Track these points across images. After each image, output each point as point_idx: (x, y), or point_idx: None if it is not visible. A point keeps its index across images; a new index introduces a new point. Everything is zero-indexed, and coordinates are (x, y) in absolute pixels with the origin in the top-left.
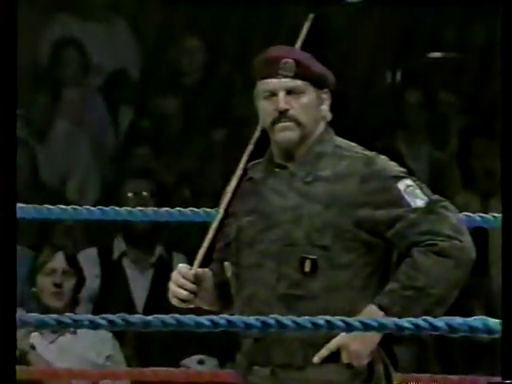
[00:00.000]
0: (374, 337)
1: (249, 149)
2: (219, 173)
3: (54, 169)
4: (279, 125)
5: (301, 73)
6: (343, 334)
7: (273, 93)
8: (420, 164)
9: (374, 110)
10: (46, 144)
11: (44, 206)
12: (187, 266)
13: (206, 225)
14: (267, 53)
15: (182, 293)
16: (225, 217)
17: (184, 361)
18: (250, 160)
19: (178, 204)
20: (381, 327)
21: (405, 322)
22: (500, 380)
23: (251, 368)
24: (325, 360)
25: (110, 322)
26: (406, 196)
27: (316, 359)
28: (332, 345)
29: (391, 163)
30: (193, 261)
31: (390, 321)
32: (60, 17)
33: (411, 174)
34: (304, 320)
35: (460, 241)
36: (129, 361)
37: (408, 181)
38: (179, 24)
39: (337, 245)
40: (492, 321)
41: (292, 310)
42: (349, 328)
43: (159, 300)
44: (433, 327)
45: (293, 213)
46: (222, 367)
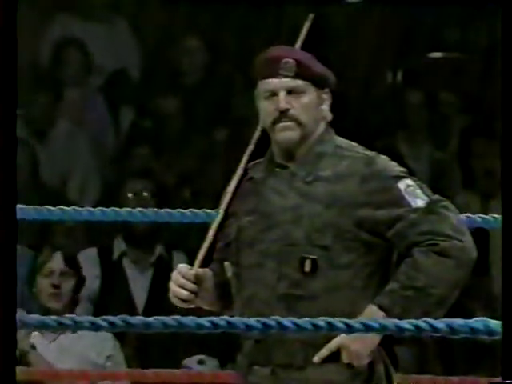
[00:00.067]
0: (375, 337)
1: (249, 149)
2: (220, 173)
3: (55, 169)
4: (280, 125)
5: (301, 73)
6: (343, 335)
7: (273, 93)
8: (421, 164)
9: (375, 110)
10: (47, 144)
11: (45, 207)
12: (187, 266)
13: (207, 224)
14: (268, 53)
15: (183, 293)
16: (225, 217)
17: (185, 361)
18: (251, 160)
19: (179, 204)
20: (382, 328)
21: (405, 324)
22: (500, 380)
23: (251, 368)
24: (325, 360)
25: (111, 324)
26: (407, 196)
27: (316, 359)
28: (332, 345)
29: (392, 163)
30: (193, 260)
31: (391, 322)
32: (61, 17)
33: (412, 174)
34: (304, 321)
35: (460, 241)
36: (129, 361)
37: (408, 181)
38: (180, 24)
39: (337, 245)
40: (493, 322)
41: (292, 310)
42: (349, 329)
43: (159, 300)
44: (433, 328)
45: (293, 213)
46: (223, 368)
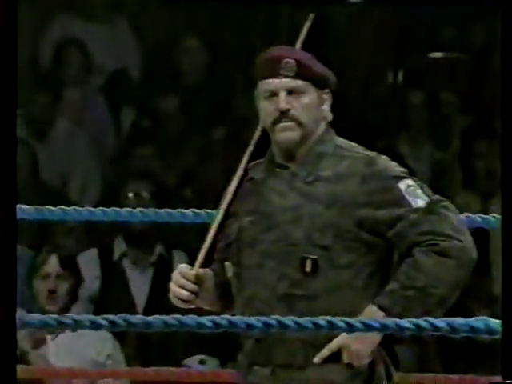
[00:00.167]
0: (375, 337)
1: (249, 149)
2: (220, 173)
3: (55, 168)
4: (280, 125)
5: (302, 73)
6: (344, 334)
7: (274, 93)
8: (422, 164)
9: (375, 111)
10: (47, 144)
11: (45, 207)
12: (188, 267)
13: (207, 224)
14: (268, 53)
15: (183, 293)
16: (226, 217)
17: (185, 361)
18: (251, 160)
19: (179, 204)
20: (382, 328)
21: (406, 323)
22: (500, 380)
23: (252, 368)
24: (325, 360)
25: (111, 323)
26: (407, 196)
27: (317, 359)
28: (333, 345)
29: (392, 163)
30: (194, 260)
31: (392, 321)
32: (61, 17)
33: (413, 175)
34: (305, 320)
35: (461, 241)
36: (130, 360)
37: (409, 181)
38: (180, 24)
39: (337, 245)
40: (493, 321)
41: (293, 310)
42: (350, 328)
43: (160, 300)
44: (434, 328)
45: (294, 213)
46: (223, 367)
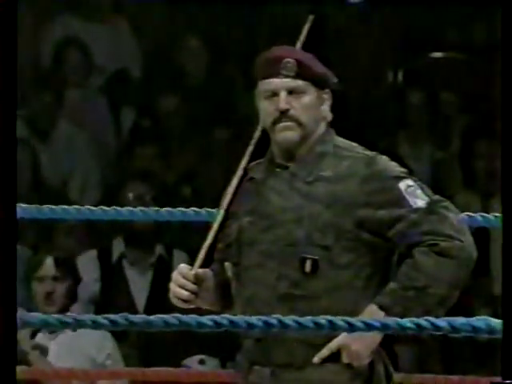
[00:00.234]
0: (375, 337)
1: (249, 149)
2: (221, 172)
3: (56, 169)
4: (280, 125)
5: (302, 73)
6: (344, 334)
7: (274, 93)
8: (422, 164)
9: (376, 111)
10: (48, 144)
11: (46, 206)
12: (188, 267)
13: (208, 223)
14: (269, 53)
15: (183, 293)
16: (226, 217)
17: (185, 361)
18: (251, 160)
19: (179, 203)
20: (383, 327)
21: (407, 322)
22: (500, 380)
23: (251, 368)
24: (325, 360)
25: (112, 322)
26: (407, 196)
27: (316, 359)
28: (333, 345)
29: (392, 163)
30: (194, 259)
31: (393, 321)
32: (61, 17)
33: (413, 174)
34: (306, 320)
35: (461, 241)
36: (130, 360)
37: (409, 181)
38: (180, 24)
39: (338, 245)
40: (494, 321)
41: (292, 311)
42: (351, 328)
43: (160, 301)
44: (435, 327)
45: (294, 213)
46: (223, 367)
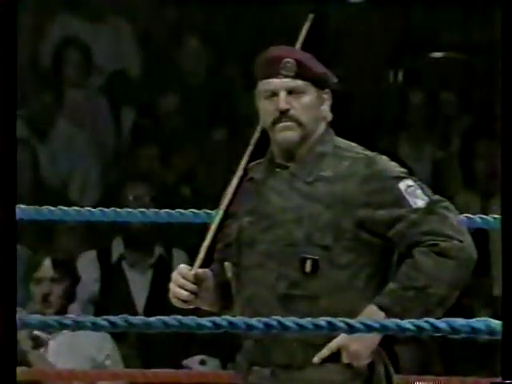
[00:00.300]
0: (375, 337)
1: (249, 149)
2: (221, 173)
3: (56, 169)
4: (280, 125)
5: (302, 73)
6: (343, 335)
7: (274, 93)
8: (422, 164)
9: (376, 111)
10: (48, 144)
11: (45, 207)
12: (187, 267)
13: (207, 224)
14: (268, 53)
15: (183, 293)
16: (225, 217)
17: (186, 361)
18: (251, 160)
19: (178, 203)
20: (383, 329)
21: (407, 324)
22: (500, 380)
23: (251, 368)
24: (325, 360)
25: (112, 324)
26: (407, 196)
27: (316, 359)
28: (332, 345)
29: (392, 163)
30: (194, 259)
31: (392, 322)
32: (61, 17)
33: (413, 174)
34: (306, 321)
35: (461, 241)
36: (130, 361)
37: (409, 181)
38: (180, 24)
39: (338, 245)
40: (494, 322)
41: (292, 311)
42: (351, 329)
43: (160, 301)
44: (435, 328)
45: (294, 213)
46: (224, 368)
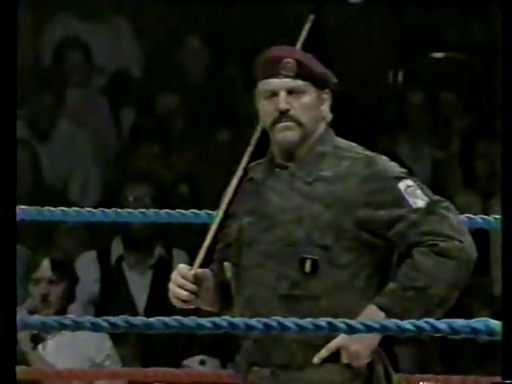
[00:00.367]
0: (374, 337)
1: (249, 149)
2: (221, 173)
3: (57, 169)
4: (280, 125)
5: (302, 73)
6: (343, 335)
7: (274, 93)
8: (422, 164)
9: (376, 111)
10: (49, 144)
11: (45, 208)
12: (187, 267)
13: (207, 225)
14: (268, 53)
15: (183, 293)
16: (225, 217)
17: (186, 361)
18: (251, 160)
19: (177, 202)
20: (383, 329)
21: (407, 324)
22: (500, 380)
23: (251, 369)
24: (324, 360)
25: (112, 324)
26: (407, 196)
27: (316, 360)
28: (332, 345)
29: (392, 164)
30: (194, 259)
31: (392, 323)
32: (62, 17)
33: (413, 175)
34: (306, 322)
35: (461, 241)
36: (130, 361)
37: (409, 181)
38: (181, 24)
39: (337, 245)
40: (494, 322)
41: (292, 311)
42: (351, 330)
43: (160, 302)
44: (435, 329)
45: (294, 213)
46: (224, 368)
